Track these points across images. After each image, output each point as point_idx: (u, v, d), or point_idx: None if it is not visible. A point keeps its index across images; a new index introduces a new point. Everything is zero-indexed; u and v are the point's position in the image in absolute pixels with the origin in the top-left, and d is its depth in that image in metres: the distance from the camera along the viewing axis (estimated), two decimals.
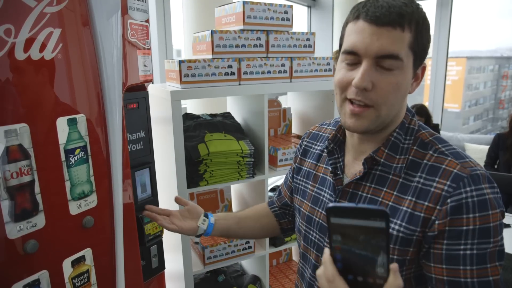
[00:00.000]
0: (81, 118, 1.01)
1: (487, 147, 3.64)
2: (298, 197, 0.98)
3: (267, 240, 1.86)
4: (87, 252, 1.06)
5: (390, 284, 0.55)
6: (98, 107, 1.06)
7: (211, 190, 2.00)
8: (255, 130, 1.82)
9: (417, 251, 0.73)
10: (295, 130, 2.27)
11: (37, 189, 0.91)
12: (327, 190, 0.88)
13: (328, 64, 1.87)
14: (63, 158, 0.97)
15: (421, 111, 3.87)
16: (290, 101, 2.29)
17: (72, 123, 0.98)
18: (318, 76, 1.84)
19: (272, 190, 2.32)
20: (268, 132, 1.78)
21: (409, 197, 0.72)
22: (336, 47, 4.24)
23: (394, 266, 0.56)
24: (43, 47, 0.89)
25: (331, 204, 0.56)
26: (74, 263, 1.03)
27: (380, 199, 0.76)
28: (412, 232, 0.71)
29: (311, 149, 0.98)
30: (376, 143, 0.79)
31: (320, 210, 0.88)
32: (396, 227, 0.73)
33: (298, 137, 2.11)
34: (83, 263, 1.05)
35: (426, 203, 0.70)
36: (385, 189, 0.76)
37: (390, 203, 0.75)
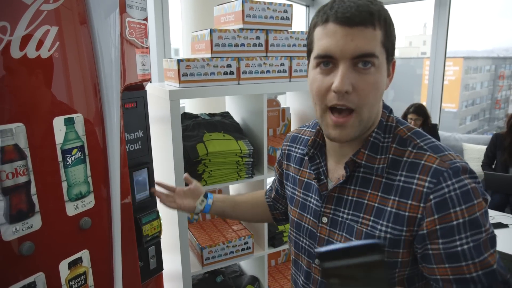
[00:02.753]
0: (78, 117, 0.99)
1: (485, 147, 3.65)
2: (288, 203, 0.97)
3: (265, 240, 1.85)
4: (84, 254, 1.05)
5: None
6: (95, 106, 1.04)
7: (209, 190, 1.98)
8: (254, 130, 1.81)
9: (408, 252, 0.72)
10: None
11: (33, 190, 0.89)
12: (313, 196, 0.86)
13: None
14: (60, 158, 0.95)
15: (419, 111, 3.87)
16: (289, 100, 2.28)
17: (69, 122, 0.97)
18: None
19: None
20: (267, 132, 1.76)
21: (393, 197, 0.72)
22: None
23: None
24: (39, 45, 0.87)
25: (322, 249, 0.52)
26: (71, 265, 1.01)
27: (365, 201, 0.75)
28: (399, 232, 0.70)
29: (293, 153, 0.96)
30: (356, 144, 0.78)
31: (308, 216, 0.87)
32: (383, 228, 0.72)
33: None
34: (80, 265, 1.04)
35: (409, 202, 0.69)
36: (369, 191, 0.75)
37: (376, 205, 0.74)
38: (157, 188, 1.20)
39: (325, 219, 0.82)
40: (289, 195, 0.96)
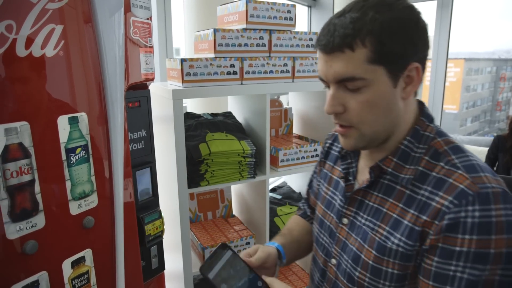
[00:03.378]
0: (82, 116, 0.99)
1: (486, 149, 3.64)
2: (316, 199, 0.97)
3: (267, 240, 1.85)
4: (87, 253, 1.05)
5: (270, 283, 0.64)
6: (99, 105, 1.04)
7: (211, 190, 1.99)
8: (257, 130, 1.81)
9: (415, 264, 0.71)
10: (296, 130, 2.26)
11: (37, 188, 0.89)
12: (338, 195, 0.86)
13: None
14: (64, 157, 0.95)
15: None
16: (291, 101, 2.27)
17: (73, 121, 0.97)
18: None
19: (273, 190, 2.31)
20: (270, 132, 1.76)
21: (412, 211, 0.69)
22: None
23: (268, 279, 0.65)
24: (44, 44, 0.87)
25: (200, 269, 0.69)
26: (74, 264, 1.01)
27: (385, 210, 0.73)
28: (412, 247, 0.68)
29: (332, 151, 0.96)
30: (385, 152, 0.76)
31: (331, 214, 0.86)
32: (396, 241, 0.70)
33: (299, 137, 2.10)
34: (83, 264, 1.04)
35: (425, 218, 0.66)
36: (391, 200, 0.73)
37: (394, 215, 0.71)
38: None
39: (345, 221, 0.81)
40: (320, 192, 0.96)
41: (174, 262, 1.70)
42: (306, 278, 2.07)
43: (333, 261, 0.84)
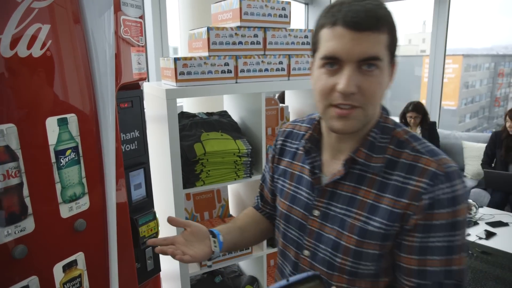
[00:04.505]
0: (72, 117, 0.97)
1: (485, 145, 3.63)
2: (278, 196, 0.98)
3: (264, 241, 1.83)
4: (79, 256, 1.03)
5: None
6: (90, 106, 1.02)
7: (207, 190, 1.97)
8: (252, 129, 1.79)
9: (393, 244, 0.77)
10: None
11: (25, 192, 0.87)
12: (304, 189, 0.88)
13: None
14: (53, 159, 0.93)
15: (418, 109, 3.85)
16: (288, 99, 2.26)
17: (62, 123, 0.95)
18: None
19: None
20: (266, 131, 1.74)
21: (388, 195, 0.75)
22: None
23: None
24: (31, 44, 0.85)
25: None
26: (66, 268, 0.99)
27: (360, 198, 0.78)
28: (391, 227, 0.74)
29: (287, 148, 0.98)
30: (353, 142, 0.81)
31: (298, 208, 0.89)
32: (377, 224, 0.75)
33: None
34: (75, 267, 1.02)
35: (404, 200, 0.73)
36: (364, 188, 0.78)
37: (370, 201, 0.77)
38: (158, 248, 0.91)
39: (316, 212, 0.84)
40: (279, 188, 0.97)
41: (171, 262, 1.68)
42: None
43: (306, 252, 0.86)
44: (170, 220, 0.95)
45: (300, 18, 4.94)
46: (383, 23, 0.70)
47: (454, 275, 0.72)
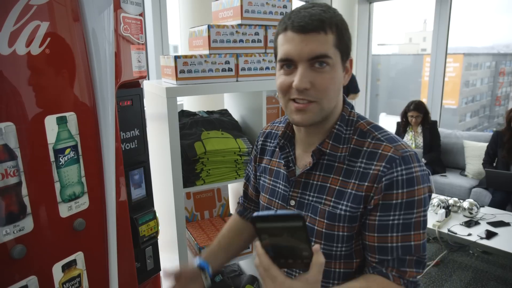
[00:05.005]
0: (71, 116, 0.96)
1: (486, 144, 3.62)
2: (261, 191, 1.05)
3: None
4: (79, 256, 1.02)
5: (314, 262, 0.66)
6: (89, 104, 1.01)
7: (207, 189, 1.96)
8: (253, 128, 1.78)
9: (359, 224, 0.84)
10: None
11: (24, 191, 0.86)
12: (281, 182, 0.95)
13: None
14: (52, 158, 0.92)
15: (420, 108, 3.84)
16: None
17: (61, 121, 0.94)
18: None
19: None
20: None
21: (353, 180, 0.82)
22: None
23: (316, 247, 0.66)
24: (29, 42, 0.84)
25: (254, 214, 0.64)
26: (65, 268, 0.99)
27: (328, 185, 0.85)
28: (356, 210, 0.81)
29: (267, 147, 1.05)
30: (321, 135, 0.88)
31: (276, 200, 0.96)
32: (343, 207, 0.82)
33: None
34: (74, 267, 1.01)
35: (366, 183, 0.80)
36: (332, 176, 0.86)
37: (337, 187, 0.84)
38: None
39: (292, 202, 0.91)
40: (261, 184, 1.04)
41: (171, 261, 1.68)
42: None
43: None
44: (167, 274, 1.01)
45: None
46: (327, 25, 0.77)
47: (413, 250, 0.79)
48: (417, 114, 3.82)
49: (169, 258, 1.68)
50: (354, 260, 0.86)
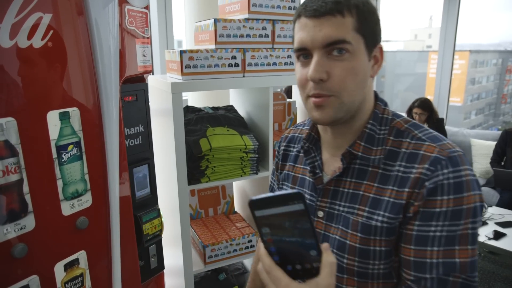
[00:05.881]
0: (74, 111, 0.93)
1: (494, 143, 3.57)
2: None
3: None
4: (81, 255, 1.00)
5: (324, 263, 0.57)
6: (93, 99, 0.98)
7: (212, 186, 1.93)
8: (259, 124, 1.75)
9: (397, 236, 0.73)
10: None
11: (25, 188, 0.84)
12: (307, 191, 0.85)
13: None
14: (54, 155, 0.90)
15: (425, 105, 3.78)
16: (295, 93, 2.21)
17: (64, 117, 0.91)
18: None
19: None
20: (273, 126, 1.70)
21: (390, 187, 0.72)
22: None
23: (325, 245, 0.58)
24: (31, 34, 0.81)
25: (251, 198, 0.58)
26: (67, 267, 0.96)
27: (361, 193, 0.75)
28: (395, 220, 0.71)
29: (290, 153, 0.95)
30: (351, 136, 0.78)
31: None
32: (380, 218, 0.72)
33: None
34: (76, 266, 0.99)
35: (406, 189, 0.70)
36: (365, 182, 0.75)
37: (372, 195, 0.74)
38: None
39: (321, 213, 0.81)
40: None
41: (174, 258, 1.65)
42: None
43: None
44: None
45: None
46: (345, 6, 0.69)
47: (458, 269, 0.66)
48: (421, 112, 3.76)
49: (173, 255, 1.66)
50: (394, 280, 0.75)
